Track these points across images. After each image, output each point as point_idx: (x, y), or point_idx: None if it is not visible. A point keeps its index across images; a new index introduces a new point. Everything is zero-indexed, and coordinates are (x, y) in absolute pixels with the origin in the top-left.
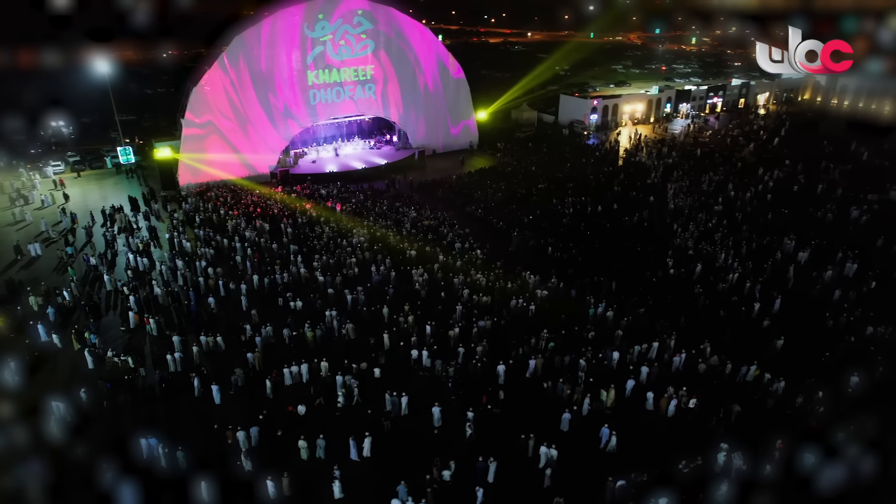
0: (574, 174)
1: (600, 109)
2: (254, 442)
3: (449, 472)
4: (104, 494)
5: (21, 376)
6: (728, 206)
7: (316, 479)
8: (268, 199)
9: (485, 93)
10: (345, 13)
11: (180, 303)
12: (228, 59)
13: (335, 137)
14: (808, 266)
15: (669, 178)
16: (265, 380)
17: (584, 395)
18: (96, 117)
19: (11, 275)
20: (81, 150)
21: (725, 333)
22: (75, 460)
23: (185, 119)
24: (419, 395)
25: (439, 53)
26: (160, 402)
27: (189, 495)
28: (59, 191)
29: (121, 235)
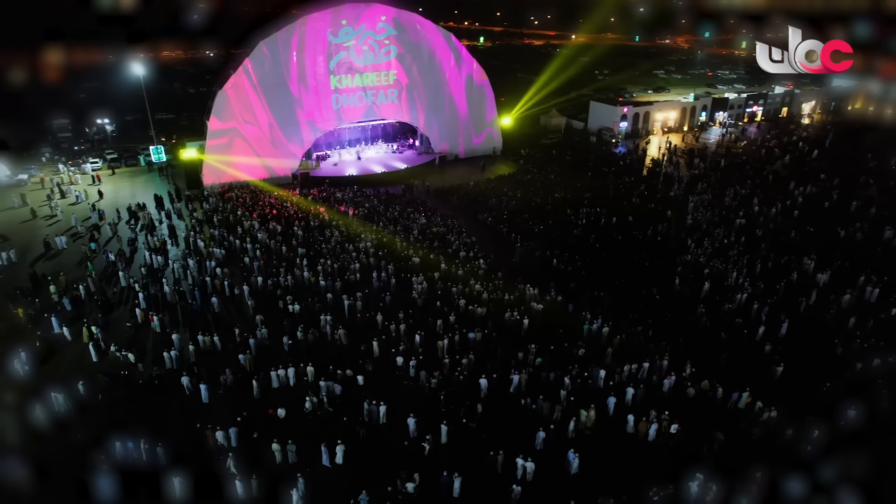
0: (593, 184)
1: (630, 117)
2: (233, 442)
3: (413, 484)
4: (83, 484)
5: (30, 366)
6: (750, 222)
7: (285, 483)
8: (284, 202)
9: (519, 96)
10: (369, 19)
11: (187, 301)
12: (252, 63)
13: (359, 141)
14: (826, 289)
15: (693, 190)
16: (251, 381)
17: (564, 413)
18: (139, 115)
19: (37, 268)
20: (120, 148)
21: (722, 357)
22: (60, 449)
23: (209, 121)
24: (401, 404)
25: (464, 59)
26: (153, 399)
27: (162, 491)
28: (94, 186)
29: (142, 233)
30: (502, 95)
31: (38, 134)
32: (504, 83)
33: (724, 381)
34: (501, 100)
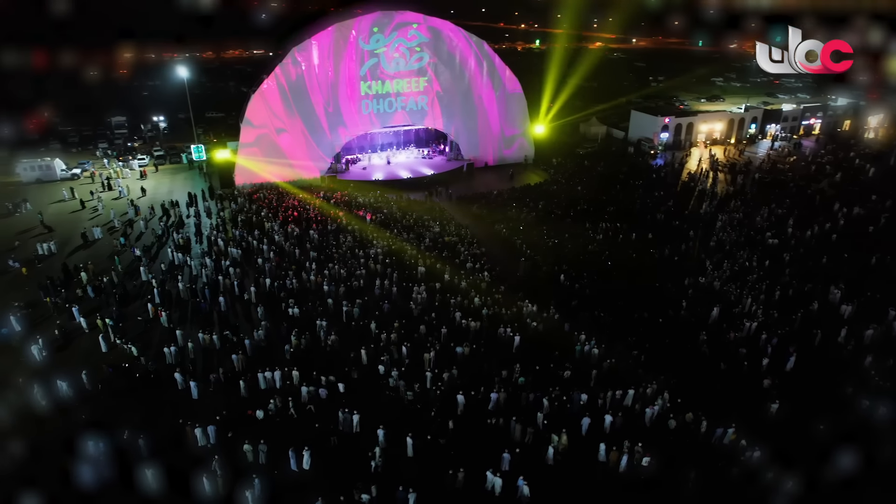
0: (620, 197)
1: (672, 127)
2: (211, 440)
3: (368, 496)
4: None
5: (46, 352)
6: (780, 245)
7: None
8: (307, 204)
9: (563, 102)
10: (400, 26)
11: (196, 299)
12: (284, 68)
13: (391, 145)
14: (849, 322)
15: (725, 207)
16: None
17: (537, 436)
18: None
19: (73, 259)
20: (167, 146)
21: (714, 388)
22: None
23: (242, 123)
24: (378, 414)
25: (496, 66)
26: (147, 392)
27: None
28: (140, 181)
29: (170, 230)
30: (549, 102)
31: (99, 130)
32: (557, 87)
33: (712, 415)
34: (551, 105)
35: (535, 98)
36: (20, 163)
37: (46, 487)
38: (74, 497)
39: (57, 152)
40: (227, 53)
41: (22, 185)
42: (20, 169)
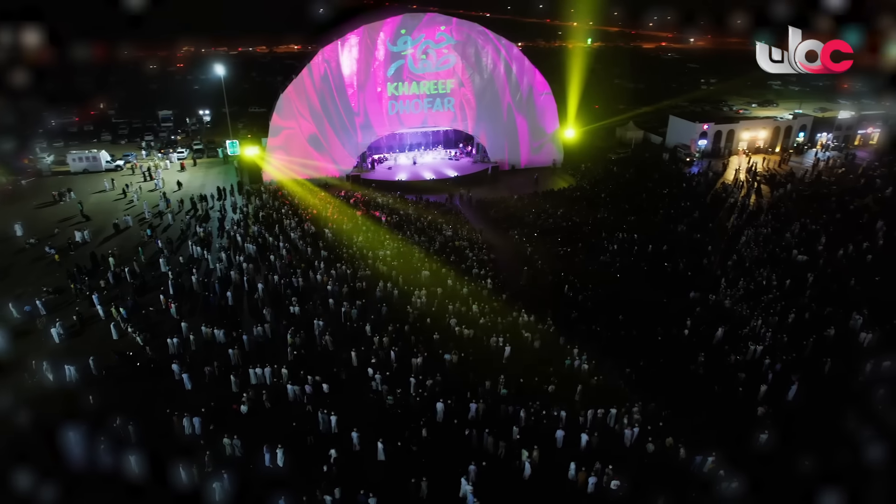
0: (644, 206)
1: (711, 135)
2: (197, 430)
3: (331, 498)
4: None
5: (64, 336)
6: (807, 264)
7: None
8: (327, 203)
9: (609, 104)
10: (427, 29)
11: (207, 293)
12: (313, 69)
13: (420, 145)
14: (868, 351)
15: (754, 221)
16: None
17: (509, 450)
18: (234, 108)
19: (103, 248)
20: (207, 140)
21: (702, 413)
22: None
23: (271, 121)
24: (358, 416)
25: (525, 69)
26: (146, 380)
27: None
28: (175, 174)
29: (195, 223)
30: (595, 103)
31: (147, 123)
32: (597, 89)
33: (694, 441)
34: (595, 107)
35: (570, 100)
36: (70, 154)
37: (38, 463)
38: (62, 476)
39: (107, 144)
40: (279, 48)
41: (70, 175)
42: (70, 159)
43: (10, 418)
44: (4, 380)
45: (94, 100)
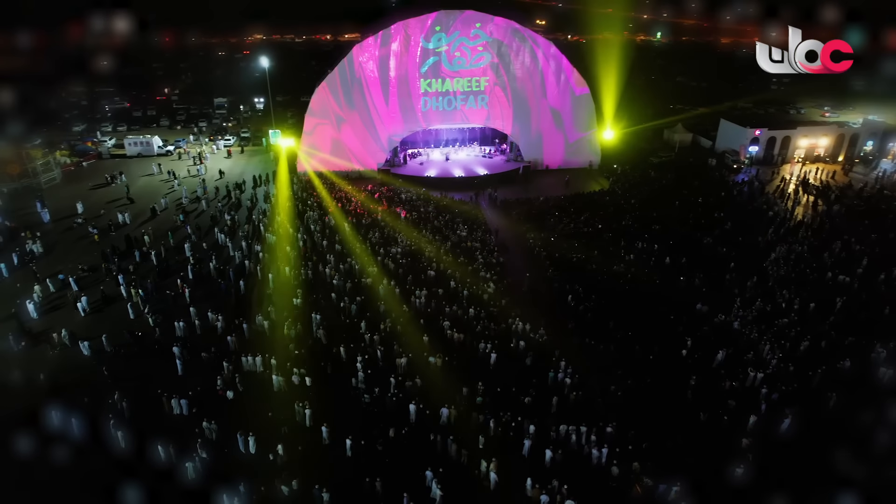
0: (674, 214)
1: (763, 141)
2: (184, 411)
3: (287, 489)
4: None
5: (88, 312)
6: (839, 287)
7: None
8: (352, 196)
9: (667, 102)
10: (462, 25)
11: (224, 279)
12: (347, 63)
13: (455, 141)
14: (887, 390)
15: (792, 237)
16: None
17: (471, 459)
18: (288, 97)
19: (136, 231)
20: (255, 128)
21: (677, 440)
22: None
23: (307, 114)
24: (334, 412)
25: (562, 68)
26: (148, 360)
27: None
28: (228, 159)
29: (225, 211)
30: (653, 102)
31: (204, 109)
32: (657, 88)
33: (662, 468)
34: (671, 107)
35: (609, 100)
36: (126, 138)
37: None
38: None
39: (164, 129)
40: (342, 37)
41: (126, 159)
42: (126, 144)
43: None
44: (30, 349)
45: (162, 85)
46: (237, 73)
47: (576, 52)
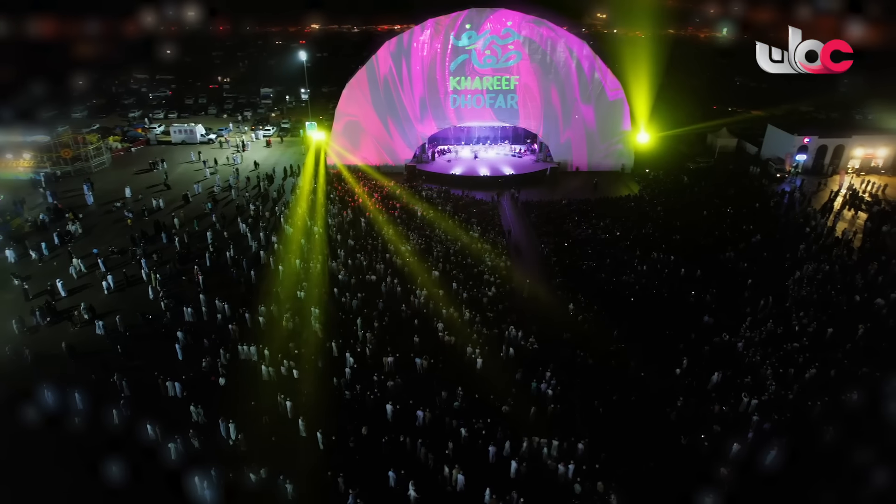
0: (701, 224)
1: (813, 149)
2: (178, 393)
3: (255, 476)
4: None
5: (112, 292)
6: (867, 313)
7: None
8: (374, 193)
9: (716, 104)
10: (493, 24)
11: (237, 268)
12: (378, 59)
13: (487, 139)
14: (889, 426)
15: (824, 255)
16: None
17: (437, 464)
18: (334, 88)
19: (166, 217)
20: (295, 119)
21: (649, 463)
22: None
23: (337, 108)
24: (314, 405)
25: (595, 68)
26: (153, 342)
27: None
28: (267, 148)
29: (251, 201)
30: (702, 103)
31: (251, 99)
32: (714, 88)
33: (627, 490)
34: (714, 108)
35: (641, 100)
36: (172, 126)
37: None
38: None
39: (211, 117)
40: (397, 25)
41: (171, 145)
42: (172, 131)
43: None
44: (54, 324)
45: (217, 73)
46: (289, 63)
47: (627, 48)
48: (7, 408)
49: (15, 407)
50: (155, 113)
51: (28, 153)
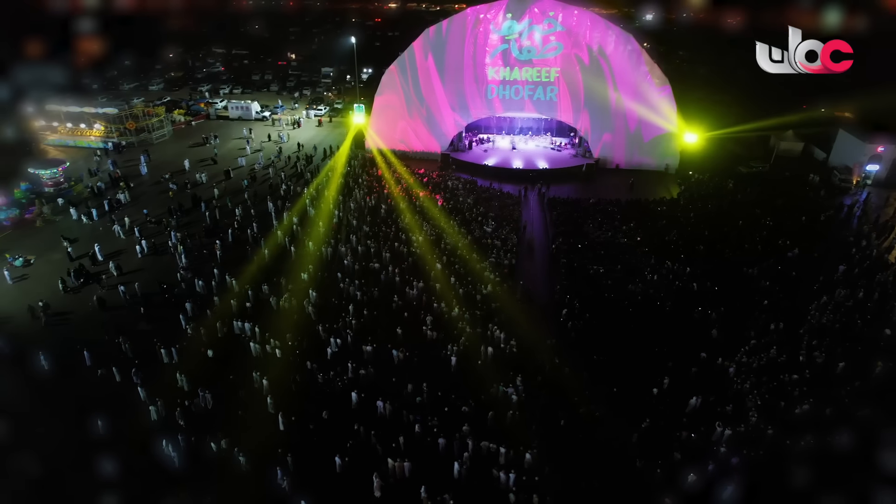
0: (733, 235)
1: (888, 159)
2: (174, 359)
3: (216, 446)
4: None
5: (142, 256)
6: (890, 350)
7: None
8: (401, 178)
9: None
10: (535, 14)
11: (253, 246)
12: (419, 47)
13: (528, 130)
14: (880, 474)
15: (864, 280)
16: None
17: (384, 454)
18: None
19: (205, 192)
20: (348, 99)
21: (593, 481)
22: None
23: (377, 94)
24: (287, 386)
25: (641, 64)
26: (167, 310)
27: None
28: (319, 127)
29: (286, 181)
30: (780, 99)
31: (313, 77)
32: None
33: None
34: (804, 107)
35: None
36: (230, 102)
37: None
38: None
39: (273, 94)
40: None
41: (228, 121)
42: (230, 107)
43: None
44: (85, 286)
45: (289, 49)
46: (360, 42)
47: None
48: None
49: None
50: (222, 87)
51: (99, 123)
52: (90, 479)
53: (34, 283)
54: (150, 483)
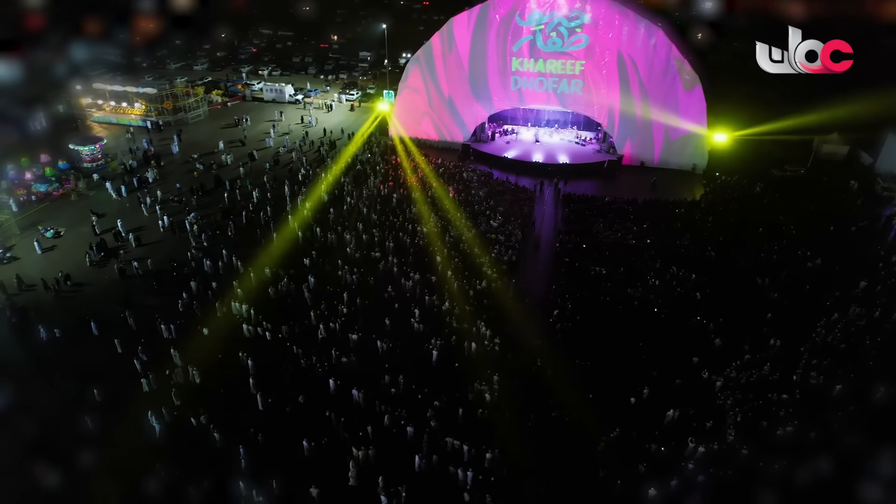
0: (749, 242)
1: None
2: (173, 335)
3: (195, 420)
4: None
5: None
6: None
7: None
8: (418, 167)
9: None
10: (561, 6)
11: (263, 229)
12: (444, 36)
13: (555, 122)
14: None
15: (885, 298)
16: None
17: (350, 443)
18: None
19: (228, 174)
20: (381, 85)
21: (550, 485)
22: None
23: (401, 81)
24: (271, 366)
25: (671, 60)
26: (175, 287)
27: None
28: (351, 112)
29: (307, 165)
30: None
31: (351, 61)
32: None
33: None
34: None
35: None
36: (265, 84)
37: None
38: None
39: (310, 77)
40: None
41: (263, 102)
42: (264, 90)
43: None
44: (106, 259)
45: (334, 32)
46: (404, 26)
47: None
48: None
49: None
50: (260, 69)
51: (140, 102)
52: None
53: (61, 253)
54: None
